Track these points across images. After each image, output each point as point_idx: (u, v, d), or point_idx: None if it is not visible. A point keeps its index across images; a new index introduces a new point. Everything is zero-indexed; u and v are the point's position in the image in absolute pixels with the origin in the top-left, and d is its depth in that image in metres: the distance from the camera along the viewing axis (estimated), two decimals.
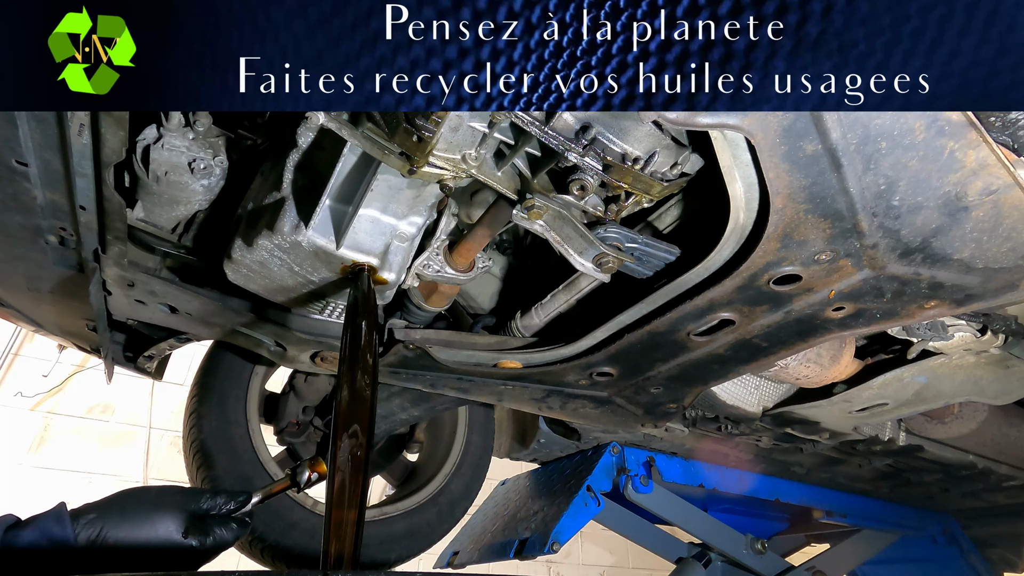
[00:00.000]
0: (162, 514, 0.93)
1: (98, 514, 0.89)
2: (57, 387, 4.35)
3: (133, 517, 0.91)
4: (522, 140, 1.01)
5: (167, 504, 0.95)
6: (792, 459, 2.47)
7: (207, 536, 0.96)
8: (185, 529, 0.94)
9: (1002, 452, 2.36)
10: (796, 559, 2.68)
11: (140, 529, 0.90)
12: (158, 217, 1.34)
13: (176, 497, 0.98)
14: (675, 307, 1.20)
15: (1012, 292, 1.06)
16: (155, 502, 0.95)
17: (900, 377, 1.63)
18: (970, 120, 0.80)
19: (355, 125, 1.00)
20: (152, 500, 0.95)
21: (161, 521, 0.92)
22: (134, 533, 0.89)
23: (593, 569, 5.88)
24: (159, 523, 0.92)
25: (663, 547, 2.49)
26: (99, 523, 0.88)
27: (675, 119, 0.80)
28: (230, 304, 1.43)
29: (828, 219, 0.95)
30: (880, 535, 2.92)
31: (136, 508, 0.92)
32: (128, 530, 0.89)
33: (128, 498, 0.95)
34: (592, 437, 2.23)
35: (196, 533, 0.95)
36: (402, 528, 1.98)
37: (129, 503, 0.93)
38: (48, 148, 1.00)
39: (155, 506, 0.94)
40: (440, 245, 1.32)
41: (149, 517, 0.92)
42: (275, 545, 1.77)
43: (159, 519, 0.92)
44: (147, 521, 0.91)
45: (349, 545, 0.83)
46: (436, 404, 1.89)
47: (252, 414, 1.88)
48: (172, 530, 0.93)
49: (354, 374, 0.99)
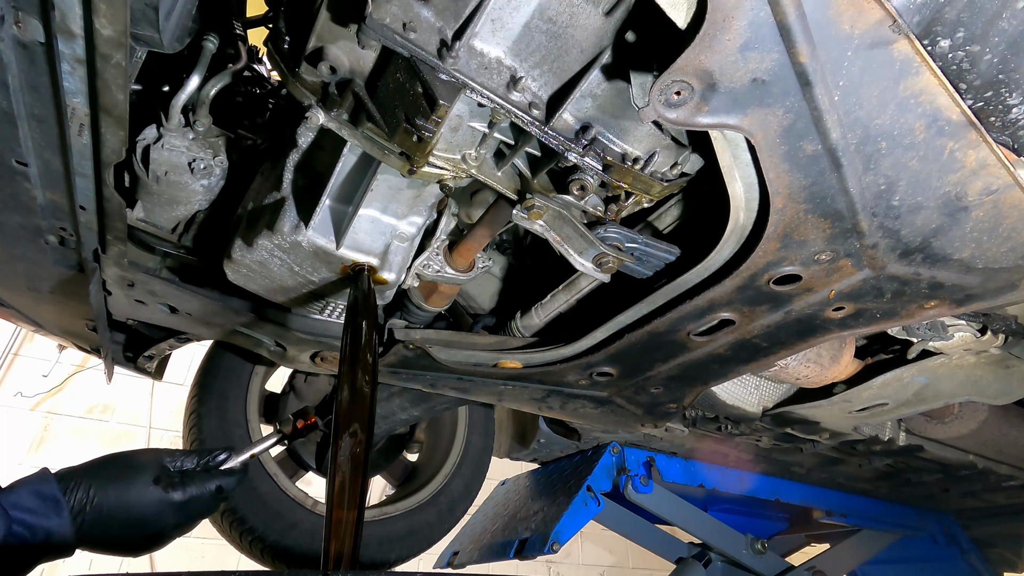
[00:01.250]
0: (135, 469, 0.97)
1: (78, 474, 0.93)
2: (57, 387, 4.35)
3: (108, 473, 0.95)
4: (522, 140, 1.01)
5: (142, 458, 1.00)
6: (792, 459, 2.47)
7: (182, 487, 0.99)
8: (156, 478, 0.97)
9: (1002, 452, 2.36)
10: (796, 559, 2.68)
11: (115, 483, 0.94)
12: (158, 217, 1.34)
13: (150, 454, 1.02)
14: (675, 307, 1.20)
15: (1012, 292, 1.06)
16: (129, 458, 0.99)
17: (900, 377, 1.63)
18: (970, 120, 0.80)
19: (355, 125, 1.00)
20: (127, 457, 1.00)
21: (136, 475, 0.96)
22: (110, 488, 0.93)
23: (593, 569, 5.88)
24: (133, 477, 0.96)
25: (663, 547, 2.49)
26: (80, 481, 0.92)
27: (675, 119, 0.80)
28: (230, 304, 1.43)
29: (828, 219, 0.95)
30: (880, 535, 2.92)
31: (112, 465, 0.97)
32: (104, 485, 0.93)
33: (106, 458, 0.99)
34: (592, 437, 2.23)
35: (169, 484, 0.98)
36: (402, 528, 1.98)
37: (105, 461, 0.98)
38: (48, 148, 1.00)
39: (130, 462, 0.98)
40: (440, 245, 1.32)
41: (123, 472, 0.96)
42: (275, 545, 1.77)
43: (132, 473, 0.96)
44: (122, 475, 0.95)
45: (348, 545, 0.84)
46: (436, 404, 1.89)
47: (252, 414, 1.88)
48: (146, 481, 0.96)
49: (354, 374, 0.99)
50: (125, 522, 0.93)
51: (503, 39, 0.88)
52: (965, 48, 0.75)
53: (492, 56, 0.89)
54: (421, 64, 0.84)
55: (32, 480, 0.89)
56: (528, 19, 0.86)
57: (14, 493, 0.86)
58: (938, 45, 0.75)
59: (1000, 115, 0.82)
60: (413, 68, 0.84)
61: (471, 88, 0.87)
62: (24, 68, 0.86)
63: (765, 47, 0.73)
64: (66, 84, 0.86)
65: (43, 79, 0.88)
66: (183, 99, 1.15)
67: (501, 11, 0.85)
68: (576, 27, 0.87)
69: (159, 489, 0.96)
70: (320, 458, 2.02)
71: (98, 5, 0.74)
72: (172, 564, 3.92)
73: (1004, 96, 0.80)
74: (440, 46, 0.84)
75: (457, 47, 0.84)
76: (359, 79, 0.95)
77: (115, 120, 0.93)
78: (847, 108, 0.79)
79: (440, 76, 0.85)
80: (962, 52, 0.75)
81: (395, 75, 0.88)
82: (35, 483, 0.88)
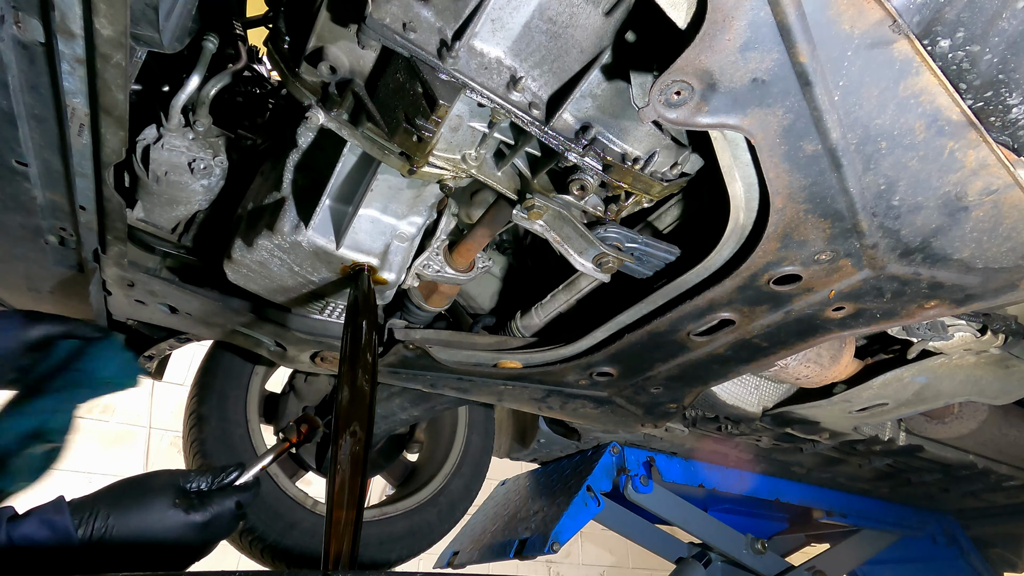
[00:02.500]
0: (153, 493, 0.94)
1: (93, 502, 0.91)
2: None
3: (126, 500, 0.92)
4: (522, 140, 1.01)
5: (157, 482, 0.97)
6: (792, 459, 2.47)
7: (203, 507, 0.97)
8: (175, 501, 0.95)
9: (1002, 452, 2.36)
10: (796, 559, 2.68)
11: (134, 510, 0.91)
12: (158, 217, 1.34)
13: (164, 476, 1.00)
14: (675, 307, 1.20)
15: (1012, 292, 1.06)
16: (144, 482, 0.97)
17: (900, 377, 1.63)
18: (970, 120, 0.80)
19: (355, 125, 1.00)
20: (141, 481, 0.97)
21: (154, 499, 0.94)
22: (129, 515, 0.90)
23: (593, 569, 5.88)
24: (152, 501, 0.93)
25: (663, 547, 2.49)
26: (95, 510, 0.89)
27: (675, 119, 0.80)
28: (230, 304, 1.43)
29: (828, 219, 0.95)
30: (880, 535, 2.92)
31: (128, 491, 0.94)
32: (123, 513, 0.90)
33: (119, 484, 0.96)
34: (592, 437, 2.23)
35: (189, 505, 0.96)
36: (402, 528, 1.98)
37: (120, 487, 0.95)
38: (48, 148, 1.00)
39: (145, 487, 0.95)
40: (440, 245, 1.32)
41: (141, 498, 0.93)
42: (275, 545, 1.77)
43: (151, 498, 0.94)
44: (140, 502, 0.92)
45: (347, 545, 0.84)
46: (436, 404, 1.89)
47: (252, 414, 1.88)
48: (165, 504, 0.94)
49: (354, 374, 0.99)
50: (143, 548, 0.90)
51: (503, 39, 0.88)
52: (965, 48, 0.75)
53: (492, 56, 0.89)
54: (421, 64, 0.84)
55: (46, 509, 0.86)
56: (528, 19, 0.86)
57: (25, 523, 0.84)
58: (938, 45, 0.75)
59: (1000, 115, 0.82)
60: (413, 68, 0.84)
61: (471, 88, 0.87)
62: (24, 68, 0.86)
63: (765, 47, 0.73)
64: (66, 84, 0.86)
65: (43, 79, 0.88)
66: (183, 99, 1.15)
67: (501, 11, 0.85)
68: (576, 27, 0.87)
69: (180, 512, 0.94)
70: (320, 458, 2.02)
71: (98, 5, 0.74)
72: None
73: (1004, 96, 0.80)
74: (440, 46, 0.84)
75: (457, 47, 0.84)
76: (359, 79, 0.95)
77: (115, 120, 0.93)
78: (847, 108, 0.79)
79: (440, 76, 0.85)
80: (962, 52, 0.75)
81: (395, 75, 0.88)
82: (48, 512, 0.86)
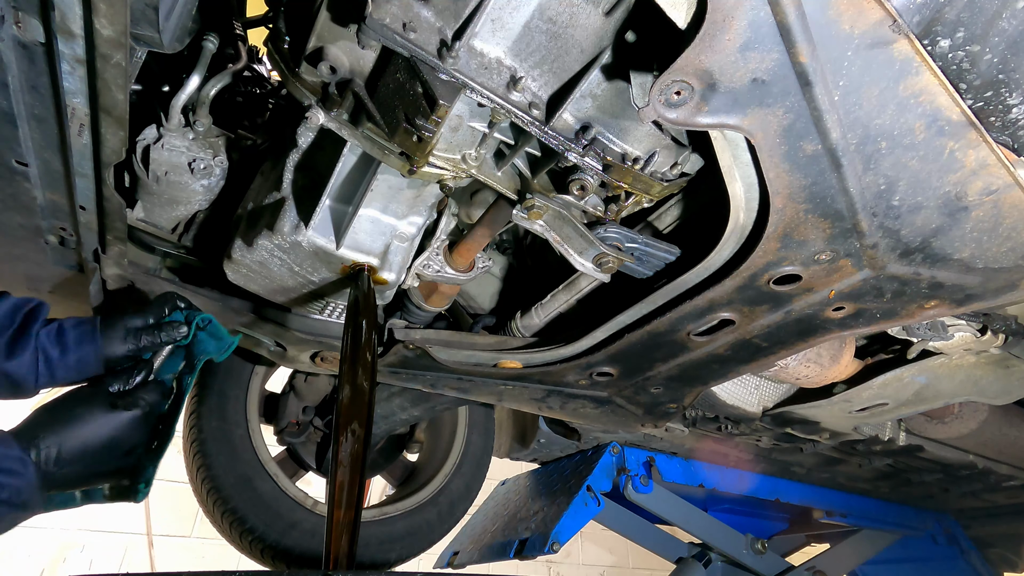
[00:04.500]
0: (85, 404, 0.93)
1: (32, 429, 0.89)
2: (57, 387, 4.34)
3: (62, 417, 0.91)
4: (522, 140, 1.01)
5: (83, 393, 0.96)
6: (792, 459, 2.47)
7: (138, 401, 0.95)
8: (112, 404, 0.93)
9: (1002, 452, 2.36)
10: (796, 559, 2.68)
11: (75, 425, 0.90)
12: (158, 217, 1.34)
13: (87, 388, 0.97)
14: (675, 307, 1.20)
15: (1012, 292, 1.06)
16: (71, 398, 0.95)
17: (900, 377, 1.63)
18: (970, 120, 0.80)
19: (355, 125, 1.00)
20: (67, 399, 0.95)
21: (89, 410, 0.92)
22: (71, 431, 0.89)
23: (593, 569, 5.88)
24: (88, 413, 0.92)
25: (663, 547, 2.49)
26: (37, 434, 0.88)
27: (675, 119, 0.80)
28: (230, 304, 1.43)
29: (828, 219, 0.95)
30: (880, 535, 2.92)
31: (59, 410, 0.93)
32: (63, 430, 0.89)
33: (44, 408, 0.94)
34: (592, 437, 2.23)
35: (124, 405, 0.93)
36: (402, 528, 1.98)
37: (48, 409, 0.93)
38: (48, 148, 1.00)
39: (75, 401, 0.94)
40: (440, 245, 1.32)
41: (74, 410, 0.92)
42: (275, 545, 1.77)
43: (84, 409, 0.92)
44: (77, 415, 0.91)
45: (346, 544, 0.84)
46: (436, 404, 1.89)
47: (252, 414, 1.88)
48: (103, 411, 0.92)
49: (354, 374, 0.99)
50: (97, 455, 0.90)
51: (503, 39, 0.88)
52: (965, 48, 0.75)
53: (492, 56, 0.89)
54: (421, 64, 0.84)
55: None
56: (528, 19, 0.86)
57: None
58: (938, 45, 0.75)
59: (1000, 115, 0.82)
60: (413, 68, 0.84)
61: (471, 88, 0.87)
62: (24, 68, 0.86)
63: (765, 47, 0.73)
64: (66, 84, 0.87)
65: (43, 79, 0.88)
66: (183, 99, 1.15)
67: (501, 11, 0.85)
68: (576, 27, 0.87)
69: (117, 414, 0.92)
70: (320, 458, 2.02)
71: (98, 5, 0.74)
72: (172, 564, 3.92)
73: (1004, 96, 0.80)
74: (440, 46, 0.84)
75: (457, 47, 0.84)
76: (359, 79, 0.95)
77: (115, 120, 0.93)
78: (847, 108, 0.79)
79: (440, 76, 0.85)
80: (962, 52, 0.75)
81: (395, 75, 0.88)
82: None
